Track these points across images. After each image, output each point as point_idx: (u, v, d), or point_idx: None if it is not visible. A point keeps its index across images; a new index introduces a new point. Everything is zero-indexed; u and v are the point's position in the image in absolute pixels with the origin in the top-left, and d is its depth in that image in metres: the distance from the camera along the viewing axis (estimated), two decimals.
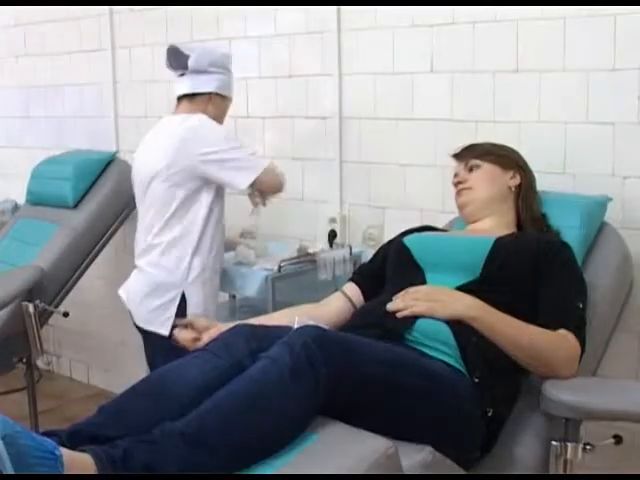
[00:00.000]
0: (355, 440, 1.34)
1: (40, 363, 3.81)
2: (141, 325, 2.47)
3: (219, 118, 2.48)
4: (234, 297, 2.84)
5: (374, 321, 1.69)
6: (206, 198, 2.39)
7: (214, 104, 2.47)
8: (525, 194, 2.02)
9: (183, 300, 2.38)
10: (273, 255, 2.63)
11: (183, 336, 1.76)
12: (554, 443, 1.58)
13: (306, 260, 2.57)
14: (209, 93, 2.45)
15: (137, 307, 2.47)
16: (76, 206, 3.16)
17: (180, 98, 2.48)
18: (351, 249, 2.64)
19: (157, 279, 2.41)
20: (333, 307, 1.91)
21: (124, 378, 3.12)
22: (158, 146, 2.42)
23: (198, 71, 2.43)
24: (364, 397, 1.42)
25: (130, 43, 3.45)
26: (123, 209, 3.18)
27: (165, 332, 2.33)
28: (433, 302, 1.65)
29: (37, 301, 2.77)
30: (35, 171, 3.37)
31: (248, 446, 1.29)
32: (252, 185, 2.42)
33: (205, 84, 2.45)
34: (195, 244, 2.39)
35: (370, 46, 2.69)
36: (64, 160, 3.37)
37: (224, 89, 2.49)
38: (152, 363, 2.48)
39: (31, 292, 2.80)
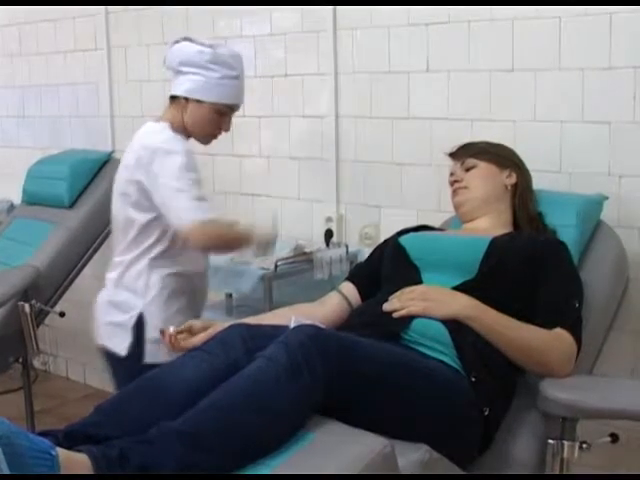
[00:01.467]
0: (352, 439, 1.34)
1: (36, 363, 3.80)
2: (100, 342, 2.25)
3: (197, 126, 2.14)
4: (230, 296, 2.84)
5: (371, 321, 1.69)
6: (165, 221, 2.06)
7: (188, 110, 2.12)
8: (521, 193, 2.02)
9: (140, 321, 2.11)
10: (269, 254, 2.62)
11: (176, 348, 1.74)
12: (551, 442, 1.58)
13: (302, 259, 2.56)
14: (184, 97, 2.12)
15: (97, 322, 2.28)
16: (72, 206, 3.15)
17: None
18: (347, 248, 2.64)
19: (117, 297, 2.20)
20: (329, 306, 1.91)
21: None
22: (125, 163, 2.15)
23: (174, 70, 2.14)
24: (361, 396, 1.42)
25: (125, 43, 3.44)
26: None
27: (122, 354, 2.12)
28: (429, 302, 1.66)
29: (33, 301, 2.77)
30: (31, 171, 3.36)
31: (244, 445, 1.29)
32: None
33: (176, 86, 2.14)
34: (153, 262, 2.12)
35: (366, 45, 2.68)
36: (60, 160, 3.36)
37: (196, 92, 2.09)
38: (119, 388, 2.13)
39: (27, 292, 2.79)
